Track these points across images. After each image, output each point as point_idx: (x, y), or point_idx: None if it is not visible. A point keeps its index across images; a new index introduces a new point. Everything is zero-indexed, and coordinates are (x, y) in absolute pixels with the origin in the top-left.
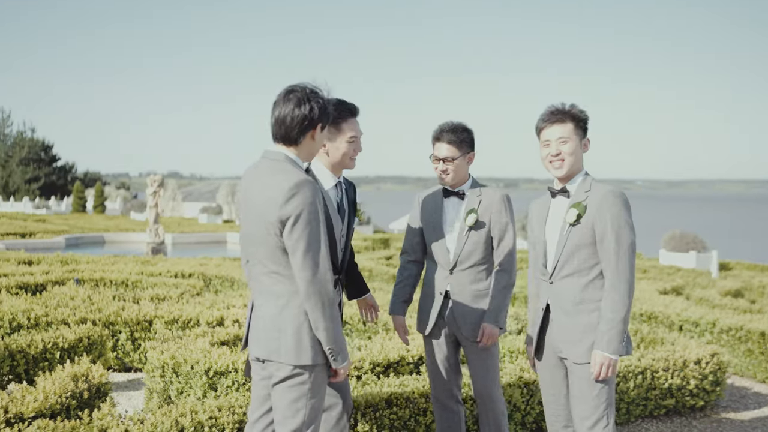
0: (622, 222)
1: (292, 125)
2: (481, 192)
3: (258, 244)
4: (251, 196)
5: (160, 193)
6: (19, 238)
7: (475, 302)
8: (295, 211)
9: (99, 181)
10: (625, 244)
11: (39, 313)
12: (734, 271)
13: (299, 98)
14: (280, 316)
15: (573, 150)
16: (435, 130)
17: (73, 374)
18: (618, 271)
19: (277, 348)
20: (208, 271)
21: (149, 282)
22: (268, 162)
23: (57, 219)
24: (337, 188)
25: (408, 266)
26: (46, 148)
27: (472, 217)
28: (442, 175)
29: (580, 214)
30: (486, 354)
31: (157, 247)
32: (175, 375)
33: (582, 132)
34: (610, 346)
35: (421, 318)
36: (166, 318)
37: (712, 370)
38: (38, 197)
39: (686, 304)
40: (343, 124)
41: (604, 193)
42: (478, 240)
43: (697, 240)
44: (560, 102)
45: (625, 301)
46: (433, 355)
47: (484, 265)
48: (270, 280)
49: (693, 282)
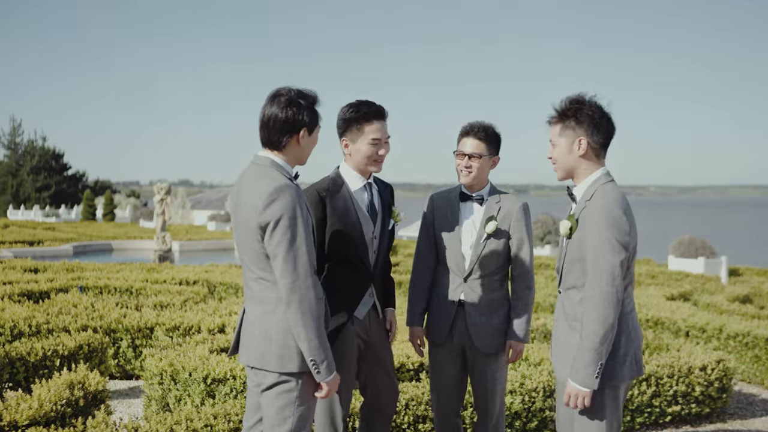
0: (604, 242)
1: (274, 129)
2: (501, 199)
3: (246, 250)
4: (238, 202)
5: (167, 201)
6: (27, 246)
7: (489, 313)
8: (274, 216)
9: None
10: (602, 268)
11: (40, 321)
12: (744, 277)
13: (282, 101)
14: (267, 322)
15: (558, 154)
16: (464, 126)
17: (69, 381)
18: (590, 297)
19: (264, 355)
20: (212, 278)
21: (153, 289)
22: (255, 167)
23: (66, 227)
24: (366, 189)
25: (423, 273)
26: (56, 156)
27: (492, 225)
28: (465, 172)
29: (573, 228)
30: (495, 366)
31: (164, 255)
32: (173, 382)
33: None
34: (577, 376)
35: (433, 326)
36: (167, 325)
37: (717, 377)
38: (48, 205)
39: (693, 309)
40: (366, 126)
41: (593, 211)
42: (496, 248)
43: (706, 245)
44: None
45: (596, 329)
46: (440, 365)
47: (499, 274)
48: (258, 286)
49: (701, 288)
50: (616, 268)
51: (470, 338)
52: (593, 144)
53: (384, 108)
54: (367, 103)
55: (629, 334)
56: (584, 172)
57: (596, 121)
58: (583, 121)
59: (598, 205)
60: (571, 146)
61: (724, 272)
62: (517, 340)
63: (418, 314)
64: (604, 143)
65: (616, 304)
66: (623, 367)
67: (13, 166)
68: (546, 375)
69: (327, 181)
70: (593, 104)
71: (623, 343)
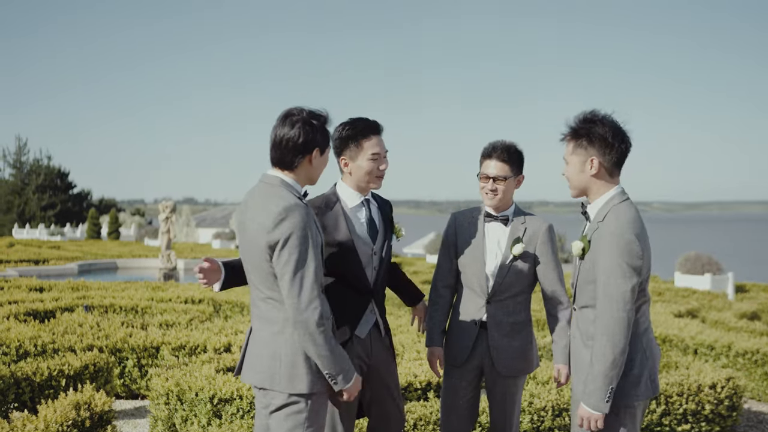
0: (615, 267)
1: (286, 149)
2: (526, 220)
3: (253, 269)
4: (245, 220)
5: (172, 219)
6: (32, 264)
7: (512, 335)
8: (283, 235)
9: (114, 208)
10: (613, 293)
11: (46, 340)
12: (751, 294)
13: (294, 122)
14: (274, 342)
15: (570, 172)
16: (486, 147)
17: (75, 402)
18: (600, 322)
19: (273, 375)
20: (218, 296)
21: (159, 308)
22: (263, 186)
23: (71, 245)
24: (364, 206)
25: (443, 292)
26: (62, 175)
27: (519, 247)
28: (490, 195)
29: (585, 249)
30: (515, 388)
31: (169, 273)
32: (179, 402)
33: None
34: (590, 400)
35: (453, 347)
36: (173, 344)
37: (727, 395)
38: (54, 224)
39: (701, 327)
40: (364, 142)
41: (605, 233)
42: (521, 270)
43: (712, 262)
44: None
45: (606, 354)
46: (455, 386)
47: (522, 295)
48: (266, 306)
49: (708, 305)
50: (627, 293)
51: (491, 360)
52: (605, 164)
53: (379, 123)
54: (362, 120)
55: (644, 354)
56: (598, 191)
57: (608, 141)
58: (595, 141)
59: (611, 228)
60: (583, 165)
61: (731, 289)
62: (566, 363)
63: (438, 334)
64: (618, 162)
65: (627, 329)
66: (638, 387)
67: (18, 185)
68: (555, 394)
69: (321, 199)
70: (607, 122)
71: (637, 363)
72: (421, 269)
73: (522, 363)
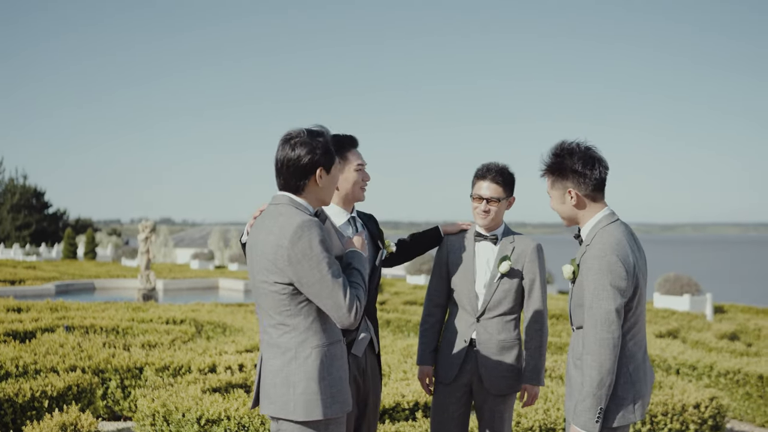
0: (599, 288)
1: (289, 173)
2: (515, 239)
3: (263, 294)
4: (255, 243)
5: (151, 239)
6: (8, 285)
7: (501, 353)
8: (304, 254)
9: (90, 228)
10: (596, 315)
11: (27, 361)
12: (729, 314)
13: (294, 144)
14: (288, 369)
15: (554, 205)
16: (480, 168)
17: (61, 423)
18: (587, 344)
19: (287, 404)
20: (199, 317)
21: (140, 329)
22: (272, 207)
23: (47, 266)
24: (350, 223)
25: (434, 311)
26: (37, 194)
27: (506, 265)
28: (482, 215)
29: (575, 272)
30: (504, 407)
31: (148, 294)
32: (165, 423)
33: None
34: (579, 420)
35: (443, 365)
36: (156, 365)
37: (711, 414)
38: (29, 244)
39: (683, 347)
40: (348, 154)
41: (589, 256)
42: (509, 288)
43: (692, 283)
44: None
45: (593, 375)
46: (445, 404)
47: (512, 314)
48: (276, 332)
49: (688, 325)
50: (611, 314)
51: (480, 379)
52: (583, 192)
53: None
54: (340, 135)
55: (628, 378)
56: (585, 216)
57: (580, 171)
58: (568, 174)
59: (594, 250)
60: (563, 198)
61: (710, 309)
62: (533, 384)
63: (429, 353)
64: (596, 187)
65: (612, 350)
66: (619, 410)
67: None
68: (542, 414)
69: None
70: (576, 153)
71: (620, 386)
72: (402, 290)
73: (511, 381)
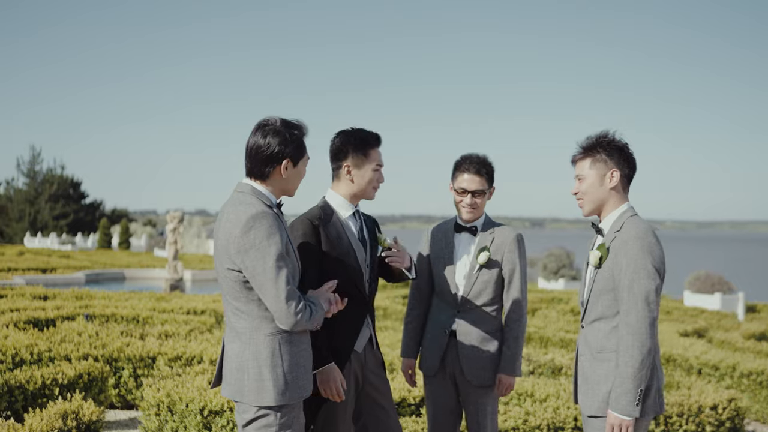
0: (639, 268)
1: (257, 159)
2: (495, 230)
3: (223, 279)
4: (217, 228)
5: (179, 230)
6: (40, 273)
7: (482, 344)
8: (252, 244)
9: (125, 218)
10: (638, 293)
11: (42, 348)
12: (762, 314)
13: (267, 131)
14: (242, 354)
15: (588, 186)
16: (460, 160)
17: (63, 411)
18: (627, 324)
19: (241, 389)
20: (220, 308)
21: (160, 318)
22: (235, 195)
23: (81, 255)
24: (355, 217)
25: (418, 304)
26: (75, 185)
27: (484, 255)
28: (468, 209)
29: (603, 257)
30: (486, 398)
31: (175, 284)
32: (170, 413)
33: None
34: (618, 405)
35: (425, 357)
36: (169, 355)
37: (729, 416)
38: (65, 233)
39: (707, 347)
40: (371, 151)
41: (627, 238)
42: (489, 279)
43: (723, 281)
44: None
45: (635, 355)
46: (435, 397)
47: (493, 305)
48: (234, 318)
49: (716, 324)
50: (651, 293)
51: (461, 369)
52: (624, 176)
53: None
54: (366, 130)
55: (655, 366)
56: (612, 205)
57: (626, 154)
58: (614, 154)
59: (632, 232)
60: (603, 178)
61: (741, 309)
62: (507, 374)
63: (412, 345)
64: (631, 177)
65: (653, 328)
66: (647, 400)
67: (31, 194)
68: (551, 412)
69: (317, 211)
70: (620, 140)
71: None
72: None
73: (491, 373)
